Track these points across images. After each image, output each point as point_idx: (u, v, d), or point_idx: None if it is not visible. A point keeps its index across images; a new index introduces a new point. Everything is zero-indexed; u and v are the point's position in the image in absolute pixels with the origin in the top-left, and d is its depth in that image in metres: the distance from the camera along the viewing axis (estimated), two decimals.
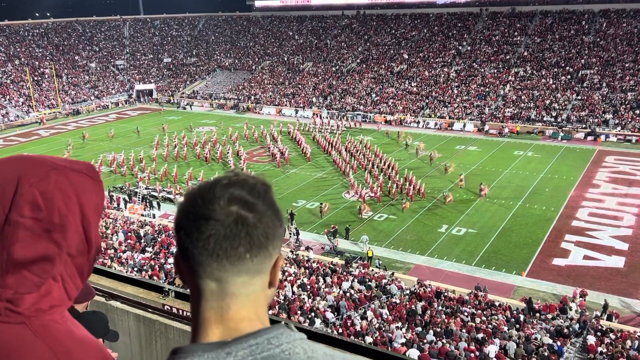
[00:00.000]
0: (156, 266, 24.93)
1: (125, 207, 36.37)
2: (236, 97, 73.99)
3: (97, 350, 1.11)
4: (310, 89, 72.28)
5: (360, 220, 33.09)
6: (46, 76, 75.39)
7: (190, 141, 50.56)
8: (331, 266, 26.44)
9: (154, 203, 36.74)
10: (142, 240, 29.26)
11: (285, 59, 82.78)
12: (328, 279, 24.43)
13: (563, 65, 63.56)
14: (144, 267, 25.04)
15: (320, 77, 74.92)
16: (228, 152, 46.23)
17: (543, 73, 63.22)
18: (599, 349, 18.66)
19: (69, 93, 74.33)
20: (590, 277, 26.20)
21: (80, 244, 1.05)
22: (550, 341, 18.93)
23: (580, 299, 23.41)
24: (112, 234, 30.10)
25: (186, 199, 1.00)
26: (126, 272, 22.69)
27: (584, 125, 53.69)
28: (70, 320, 1.11)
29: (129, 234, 30.26)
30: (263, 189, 1.02)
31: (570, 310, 22.59)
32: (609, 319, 22.13)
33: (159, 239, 29.40)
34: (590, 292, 24.01)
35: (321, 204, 34.32)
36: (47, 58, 79.98)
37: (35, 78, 74.02)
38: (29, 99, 68.63)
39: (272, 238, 1.00)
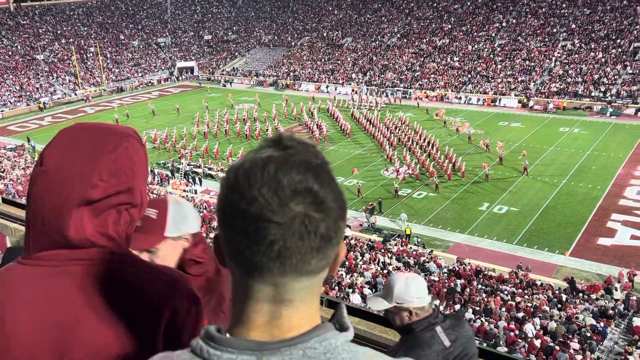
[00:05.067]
0: None
1: (168, 183, 37.25)
2: (275, 74, 74.02)
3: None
4: (350, 65, 71.58)
5: (398, 199, 32.89)
6: (91, 54, 77.15)
7: (231, 118, 51.06)
8: (369, 243, 26.51)
9: (196, 179, 37.49)
10: None
11: (325, 34, 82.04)
12: (366, 256, 24.53)
13: (614, 37, 60.71)
14: None
15: (359, 53, 74.01)
16: (267, 130, 46.47)
17: (592, 46, 60.62)
18: None
19: (112, 71, 75.94)
20: (638, 258, 25.37)
21: (139, 201, 1.30)
22: (594, 322, 18.54)
23: (626, 279, 22.78)
24: None
25: (233, 188, 0.82)
26: None
27: (634, 101, 51.46)
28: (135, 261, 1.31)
29: None
30: (327, 169, 0.86)
31: (616, 290, 22.01)
32: None
33: (201, 214, 30.08)
34: (638, 273, 23.33)
35: (358, 182, 33.97)
36: (92, 36, 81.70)
37: (81, 56, 75.86)
38: (75, 77, 70.55)
39: (338, 230, 0.85)
